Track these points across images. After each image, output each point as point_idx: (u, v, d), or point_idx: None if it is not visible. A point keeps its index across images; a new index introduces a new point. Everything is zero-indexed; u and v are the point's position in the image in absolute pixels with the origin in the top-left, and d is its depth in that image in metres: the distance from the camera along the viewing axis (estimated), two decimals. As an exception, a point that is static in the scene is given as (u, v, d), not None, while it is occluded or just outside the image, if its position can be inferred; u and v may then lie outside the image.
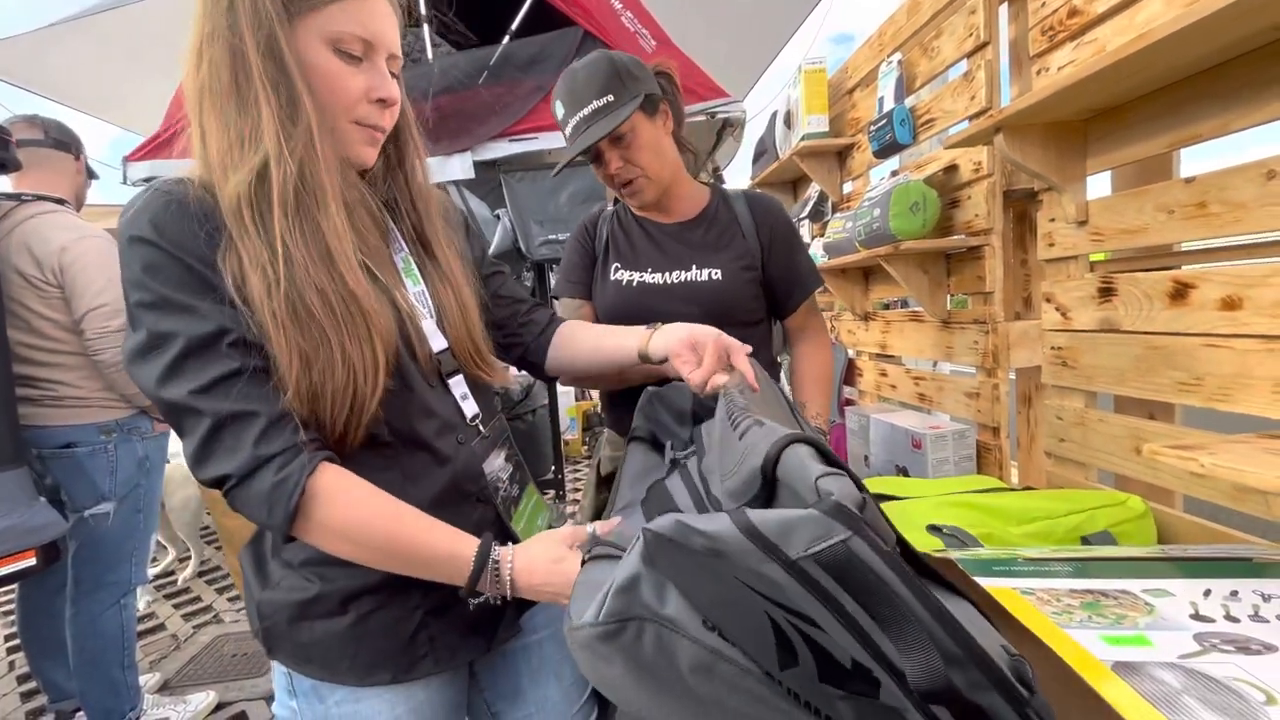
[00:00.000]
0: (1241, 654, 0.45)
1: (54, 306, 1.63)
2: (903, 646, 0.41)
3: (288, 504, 0.55)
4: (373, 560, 0.60)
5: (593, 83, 1.07)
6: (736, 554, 0.42)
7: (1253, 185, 0.80)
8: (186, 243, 0.57)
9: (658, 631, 0.43)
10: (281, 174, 0.57)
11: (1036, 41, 1.13)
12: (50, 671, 1.87)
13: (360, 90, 0.63)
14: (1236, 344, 0.83)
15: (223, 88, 0.58)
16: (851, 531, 0.41)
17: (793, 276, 1.25)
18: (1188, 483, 0.93)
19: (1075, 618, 0.50)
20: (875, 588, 0.41)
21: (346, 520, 0.58)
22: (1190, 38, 0.73)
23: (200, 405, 0.56)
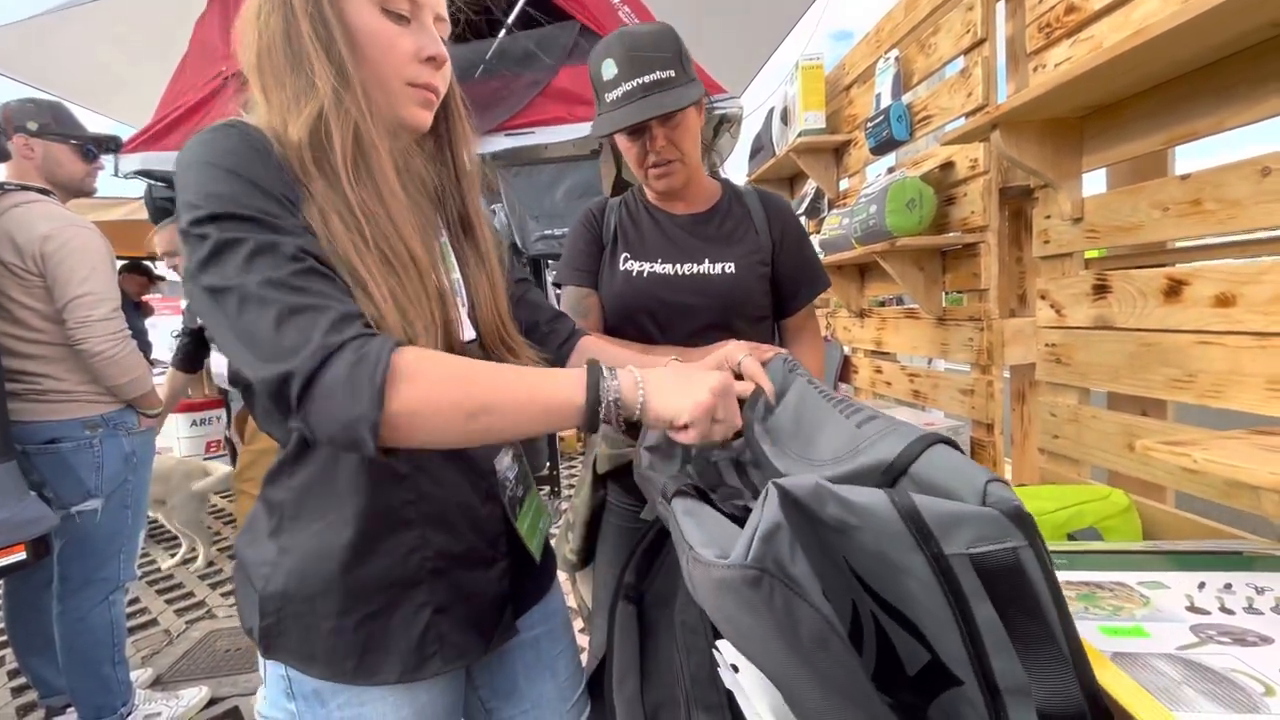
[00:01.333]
0: (1238, 645, 0.45)
1: (36, 296, 1.61)
2: (1034, 666, 0.39)
3: (374, 380, 0.49)
4: (479, 420, 0.53)
5: (659, 53, 1.04)
6: (879, 533, 0.40)
7: (1247, 182, 0.80)
8: (259, 170, 0.55)
9: (785, 592, 0.40)
10: (339, 127, 0.58)
11: (1033, 38, 1.13)
12: (39, 667, 1.86)
13: (410, 50, 0.63)
14: (1229, 341, 0.83)
15: (278, 53, 0.59)
16: (1027, 541, 0.39)
17: (803, 275, 1.25)
18: (1179, 478, 0.93)
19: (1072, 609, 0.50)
20: (1030, 604, 0.39)
21: (445, 378, 0.53)
22: (1186, 34, 0.73)
23: (267, 294, 0.50)
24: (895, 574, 0.41)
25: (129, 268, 3.20)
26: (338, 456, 0.62)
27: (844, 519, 0.41)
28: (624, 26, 1.10)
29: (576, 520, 1.24)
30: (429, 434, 0.52)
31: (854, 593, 0.42)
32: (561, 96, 2.14)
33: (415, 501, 0.64)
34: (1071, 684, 0.39)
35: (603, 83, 1.08)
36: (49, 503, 1.56)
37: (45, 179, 1.73)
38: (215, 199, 0.52)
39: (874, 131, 1.58)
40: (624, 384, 0.58)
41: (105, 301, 1.63)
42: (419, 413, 0.51)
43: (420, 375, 0.51)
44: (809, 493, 0.42)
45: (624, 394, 0.58)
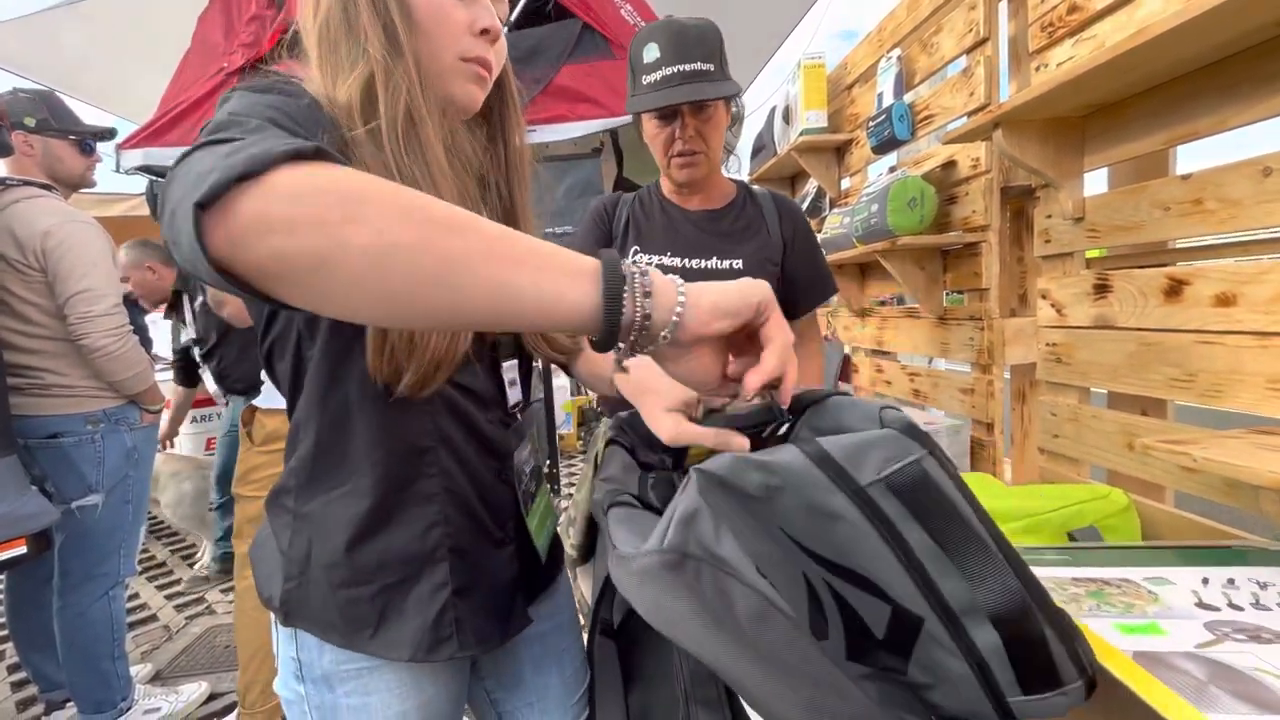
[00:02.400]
0: (1255, 642, 0.46)
1: (38, 291, 1.61)
2: (972, 572, 0.40)
3: (250, 157, 0.35)
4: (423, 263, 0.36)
5: (703, 45, 1.07)
6: (798, 488, 0.41)
7: (1249, 182, 0.80)
8: (301, 116, 0.51)
9: (714, 573, 0.40)
10: (389, 91, 0.56)
11: (1036, 38, 1.13)
12: (40, 662, 1.86)
13: (464, 22, 0.62)
14: (1230, 340, 0.83)
15: (335, 18, 0.58)
16: (926, 450, 0.41)
17: (813, 277, 1.26)
18: (1179, 478, 0.93)
19: (1085, 606, 0.50)
20: (948, 511, 0.40)
21: (385, 186, 0.37)
22: (1189, 34, 0.73)
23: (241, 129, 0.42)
24: (829, 526, 0.41)
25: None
26: (344, 420, 0.62)
27: (767, 483, 0.41)
28: (671, 16, 1.11)
29: (578, 515, 1.24)
30: (324, 239, 0.35)
31: (802, 565, 0.42)
32: (563, 94, 2.13)
33: (436, 476, 0.64)
34: (1008, 577, 0.40)
35: (642, 65, 1.10)
36: (50, 497, 1.56)
37: (46, 174, 1.73)
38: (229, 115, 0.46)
39: (876, 131, 1.58)
40: (655, 279, 0.43)
41: (106, 297, 1.63)
42: (320, 191, 0.35)
43: (331, 168, 0.36)
44: (729, 468, 0.42)
45: (654, 276, 0.43)
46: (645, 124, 1.15)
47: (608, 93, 2.12)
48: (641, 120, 1.15)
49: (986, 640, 0.41)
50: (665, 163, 1.17)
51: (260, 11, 2.17)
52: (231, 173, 0.34)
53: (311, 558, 0.62)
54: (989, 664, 0.41)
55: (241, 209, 0.34)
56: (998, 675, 0.41)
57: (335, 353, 0.60)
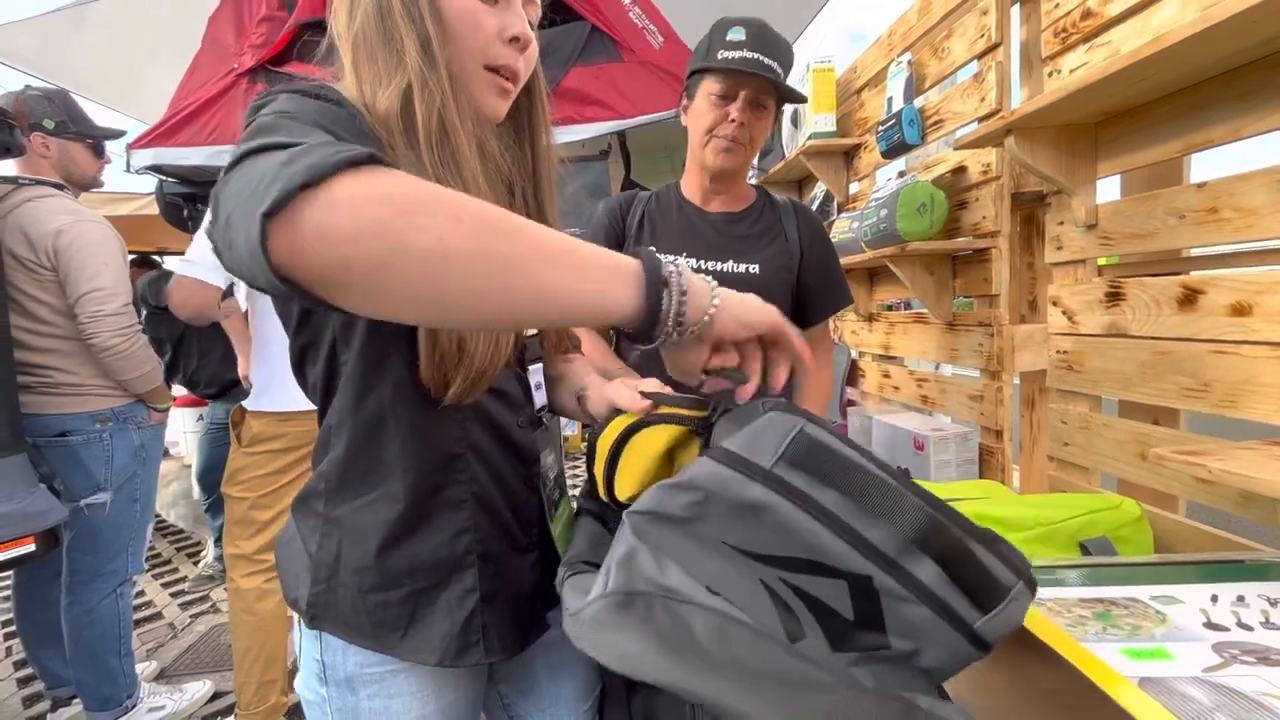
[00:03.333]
0: (1263, 665, 0.45)
1: (48, 290, 1.62)
2: (884, 510, 0.43)
3: (309, 167, 0.35)
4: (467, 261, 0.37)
5: (784, 54, 1.13)
6: (721, 491, 0.44)
7: (1266, 191, 0.80)
8: (345, 124, 0.51)
9: (665, 604, 0.42)
10: (424, 103, 0.56)
11: (1049, 43, 1.12)
12: (47, 659, 1.87)
13: (495, 28, 0.61)
14: (1245, 350, 0.83)
15: (371, 26, 0.58)
16: (805, 418, 0.45)
17: (828, 287, 1.26)
18: (1192, 488, 0.92)
19: (1090, 629, 0.49)
20: (844, 463, 0.43)
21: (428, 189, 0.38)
22: (1208, 42, 0.73)
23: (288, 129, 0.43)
24: (759, 519, 0.43)
25: (138, 263, 3.22)
26: (377, 426, 0.62)
27: (691, 500, 0.44)
28: (757, 18, 1.16)
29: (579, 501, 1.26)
30: (387, 243, 0.35)
31: (757, 573, 0.44)
32: (571, 96, 2.14)
33: (466, 482, 0.64)
34: (912, 501, 0.42)
35: (723, 41, 1.12)
36: (58, 495, 1.57)
37: (60, 175, 1.75)
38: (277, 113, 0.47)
39: (885, 135, 1.57)
40: (691, 281, 0.47)
41: (116, 296, 1.64)
42: (385, 200, 0.36)
43: (375, 183, 0.36)
44: (655, 500, 0.45)
45: (692, 280, 0.47)
46: (699, 101, 1.16)
47: (616, 95, 2.12)
48: (695, 97, 1.16)
49: (929, 574, 0.43)
50: (704, 141, 1.16)
51: (272, 13, 2.18)
52: (294, 181, 0.34)
53: (341, 561, 0.62)
54: (941, 596, 0.43)
55: (306, 219, 0.34)
56: (954, 605, 0.43)
57: (371, 359, 0.60)
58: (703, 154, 1.17)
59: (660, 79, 2.11)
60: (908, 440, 1.43)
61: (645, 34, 2.18)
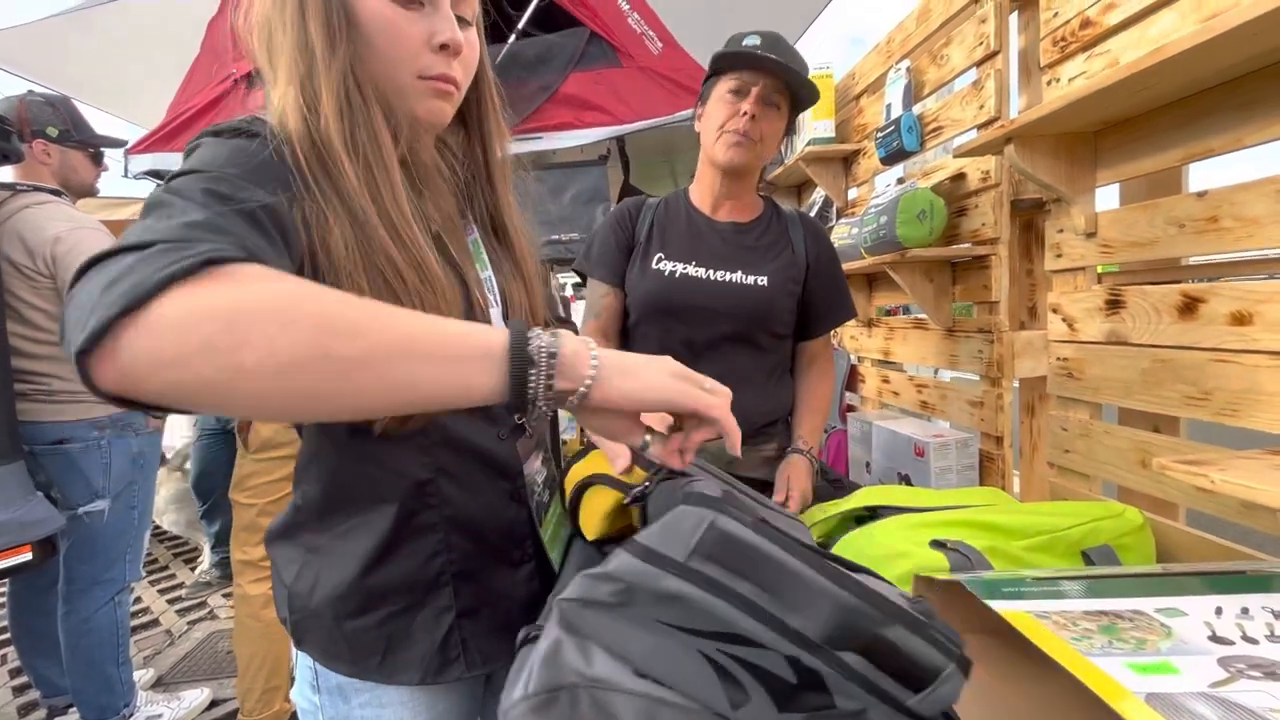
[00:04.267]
0: (1269, 680, 0.45)
1: (46, 297, 1.62)
2: (795, 604, 0.43)
3: (144, 278, 0.34)
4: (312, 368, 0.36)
5: (795, 59, 1.14)
6: (641, 583, 0.44)
7: (1266, 201, 0.80)
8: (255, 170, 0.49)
9: (591, 694, 0.43)
10: (313, 127, 0.54)
11: (1047, 52, 1.12)
12: (42, 668, 1.86)
13: (420, 37, 0.57)
14: (1246, 359, 0.83)
15: (286, 40, 0.55)
16: (715, 510, 0.45)
17: (834, 299, 1.27)
18: (1192, 496, 0.92)
19: (1096, 643, 0.49)
20: (754, 556, 0.44)
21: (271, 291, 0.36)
22: (1208, 52, 0.73)
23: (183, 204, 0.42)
24: (685, 606, 0.44)
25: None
26: (341, 460, 0.62)
27: (616, 589, 0.45)
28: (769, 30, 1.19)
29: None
30: (221, 352, 0.34)
31: (696, 645, 0.44)
32: (569, 102, 2.14)
33: (437, 506, 0.63)
34: (822, 598, 0.43)
35: (740, 45, 1.15)
36: (55, 503, 1.56)
37: (59, 182, 1.74)
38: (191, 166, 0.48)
39: (884, 142, 1.58)
40: (565, 342, 0.45)
41: (115, 303, 1.63)
42: (214, 315, 0.34)
43: (248, 276, 0.36)
44: (583, 589, 0.46)
45: (564, 353, 0.45)
46: (711, 103, 1.17)
47: (614, 101, 2.12)
48: (709, 100, 1.17)
49: (855, 660, 0.43)
50: (716, 138, 1.16)
51: (270, 19, 2.18)
52: (111, 310, 0.33)
53: (317, 591, 0.62)
54: (870, 679, 0.43)
55: (126, 348, 0.33)
56: (884, 686, 0.43)
57: None
58: (713, 151, 1.18)
59: (659, 84, 2.11)
60: (908, 446, 1.43)
61: (644, 40, 2.18)
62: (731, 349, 1.19)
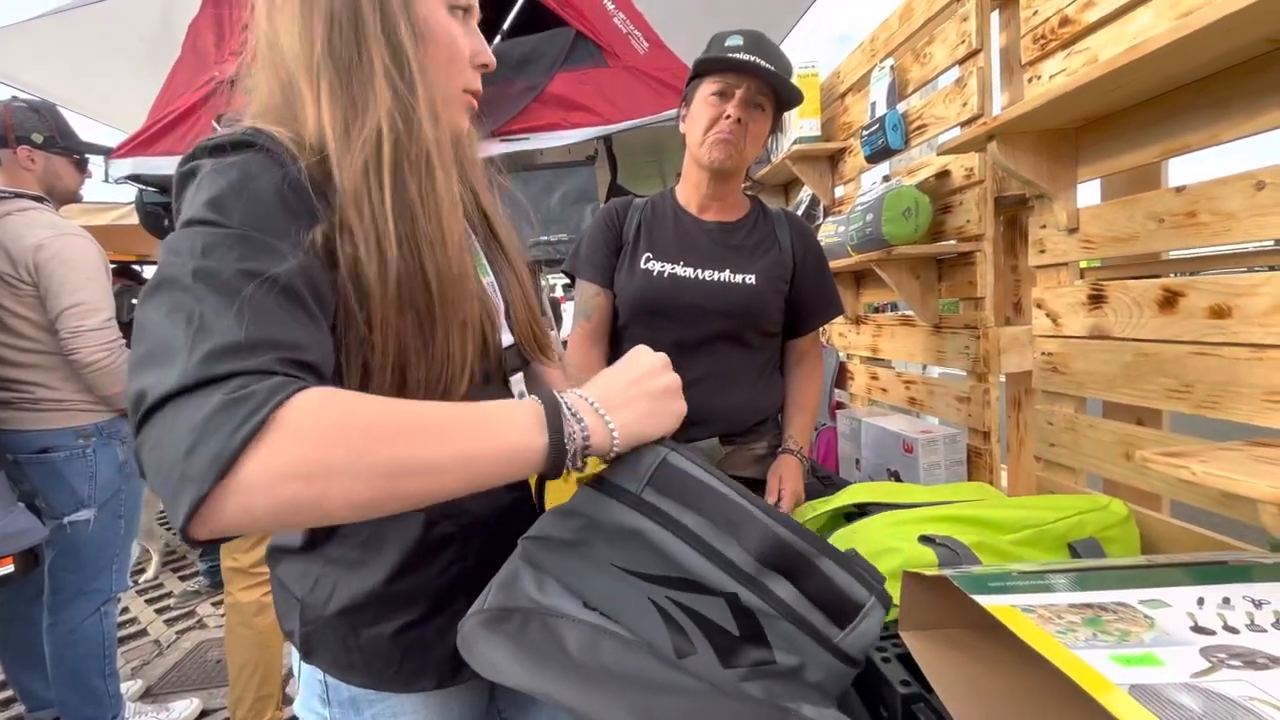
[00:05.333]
0: (1250, 669, 0.45)
1: (29, 305, 1.59)
2: (734, 529, 0.47)
3: (237, 432, 0.36)
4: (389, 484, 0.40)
5: (779, 59, 1.13)
6: (599, 516, 0.48)
7: (1242, 195, 0.81)
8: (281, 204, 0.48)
9: (543, 619, 0.47)
10: (394, 143, 0.52)
11: (1028, 50, 1.13)
12: (27, 681, 1.83)
13: (470, 53, 0.59)
14: (1225, 352, 0.84)
15: (339, 49, 0.52)
16: (668, 448, 0.50)
17: (821, 297, 1.28)
18: (1176, 488, 0.94)
19: (1080, 636, 0.49)
20: (701, 488, 0.48)
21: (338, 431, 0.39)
22: (1184, 49, 0.74)
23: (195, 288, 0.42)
24: (638, 542, 0.47)
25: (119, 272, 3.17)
26: None
27: (578, 525, 0.49)
28: (754, 29, 1.18)
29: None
30: (306, 504, 0.38)
31: (646, 592, 0.48)
32: (556, 102, 2.14)
33: (454, 515, 0.63)
34: (761, 524, 0.46)
35: (721, 46, 1.15)
36: (40, 513, 1.54)
37: (42, 188, 1.72)
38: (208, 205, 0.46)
39: (869, 140, 1.59)
40: (588, 419, 0.48)
41: (98, 311, 1.61)
42: (293, 475, 0.37)
43: (309, 428, 0.38)
44: (545, 526, 0.50)
45: (592, 430, 0.47)
46: (696, 105, 1.17)
47: (601, 101, 2.12)
48: (693, 102, 1.17)
49: (786, 592, 0.47)
50: (702, 138, 1.16)
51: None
52: (204, 487, 0.35)
53: (333, 601, 0.61)
54: (800, 612, 0.47)
55: (221, 513, 0.36)
56: (813, 621, 0.47)
57: None
58: (699, 153, 1.18)
59: (646, 84, 2.11)
60: (897, 442, 1.44)
61: (630, 39, 2.18)
62: (722, 348, 1.19)
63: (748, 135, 1.14)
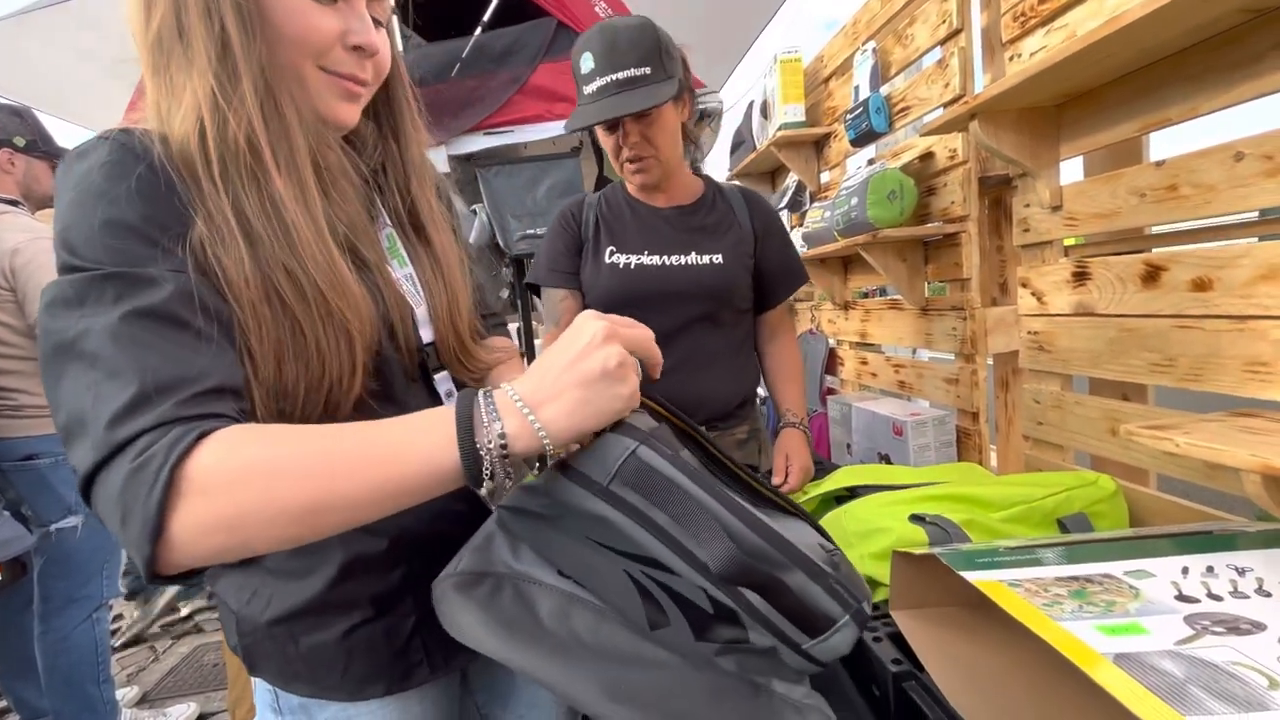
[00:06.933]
0: (1233, 635, 0.45)
1: (8, 310, 1.57)
2: (701, 538, 0.45)
3: (148, 500, 0.38)
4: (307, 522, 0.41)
5: (636, 49, 1.03)
6: (568, 499, 0.47)
7: (1221, 167, 0.81)
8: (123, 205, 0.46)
9: (515, 585, 0.47)
10: (223, 129, 0.49)
11: (1009, 28, 1.13)
12: (20, 690, 1.82)
13: (333, 33, 0.54)
14: (1207, 324, 0.84)
15: (168, 32, 0.50)
16: (638, 441, 0.47)
17: (785, 268, 1.27)
18: (1161, 461, 0.94)
19: (1066, 608, 0.50)
20: (667, 488, 0.46)
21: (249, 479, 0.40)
22: (1161, 21, 0.74)
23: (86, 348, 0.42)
24: (608, 527, 0.46)
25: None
26: None
27: (546, 501, 0.48)
28: (606, 20, 1.09)
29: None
30: (245, 545, 0.40)
31: (622, 565, 0.46)
32: (539, 94, 2.12)
33: (397, 536, 0.61)
34: (723, 539, 0.45)
35: (581, 75, 1.08)
36: (26, 521, 1.52)
37: (20, 192, 1.70)
38: (68, 247, 0.45)
39: (853, 124, 1.58)
40: (509, 421, 0.43)
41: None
42: (218, 527, 0.39)
43: (214, 483, 0.39)
44: (518, 499, 0.50)
45: (514, 436, 0.43)
46: (597, 131, 1.14)
47: (585, 91, 2.10)
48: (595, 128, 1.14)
49: (754, 598, 0.45)
50: (619, 168, 1.17)
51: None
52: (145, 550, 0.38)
53: (268, 613, 0.59)
54: (769, 617, 0.45)
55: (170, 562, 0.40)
56: (782, 627, 0.45)
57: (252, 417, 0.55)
58: (623, 176, 1.20)
59: (629, 74, 2.09)
60: (887, 426, 1.44)
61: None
62: (698, 331, 1.20)
63: (654, 145, 1.10)
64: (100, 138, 0.49)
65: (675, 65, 1.08)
